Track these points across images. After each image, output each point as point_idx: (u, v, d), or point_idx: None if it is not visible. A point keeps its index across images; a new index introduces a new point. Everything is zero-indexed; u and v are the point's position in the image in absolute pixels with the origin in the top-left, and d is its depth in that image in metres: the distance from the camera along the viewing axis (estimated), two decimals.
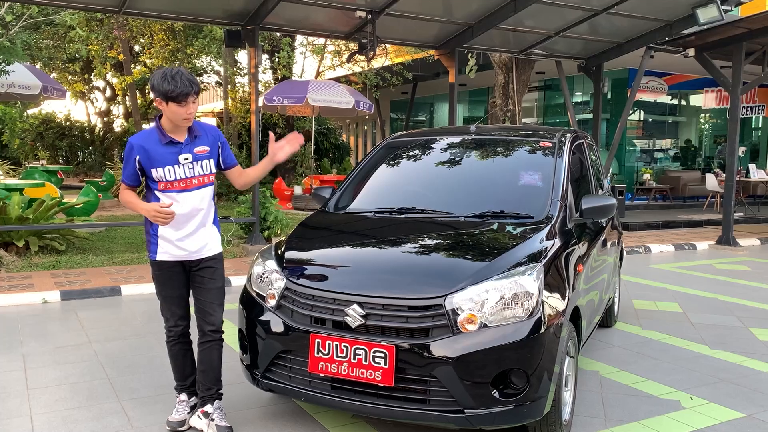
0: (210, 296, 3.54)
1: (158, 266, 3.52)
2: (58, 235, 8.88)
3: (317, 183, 15.60)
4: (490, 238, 3.65)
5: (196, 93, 3.34)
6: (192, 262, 3.52)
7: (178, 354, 3.66)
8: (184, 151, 3.40)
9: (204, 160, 3.46)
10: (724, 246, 11.07)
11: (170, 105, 3.27)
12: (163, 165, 3.37)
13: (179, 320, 3.59)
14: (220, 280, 3.59)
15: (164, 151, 3.36)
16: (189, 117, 3.33)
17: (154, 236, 3.48)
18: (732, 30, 10.69)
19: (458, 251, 3.54)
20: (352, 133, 28.69)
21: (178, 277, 3.53)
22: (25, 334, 5.41)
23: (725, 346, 5.33)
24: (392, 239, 3.73)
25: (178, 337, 3.61)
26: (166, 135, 3.38)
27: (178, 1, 8.71)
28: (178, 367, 3.69)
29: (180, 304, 3.58)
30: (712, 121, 20.57)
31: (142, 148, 3.36)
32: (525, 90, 12.89)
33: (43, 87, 10.82)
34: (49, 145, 25.21)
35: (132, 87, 18.19)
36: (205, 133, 3.50)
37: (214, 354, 3.56)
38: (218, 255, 3.60)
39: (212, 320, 3.54)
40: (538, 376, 3.06)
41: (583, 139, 5.01)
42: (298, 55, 19.01)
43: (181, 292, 3.57)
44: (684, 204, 17.51)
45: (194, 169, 3.43)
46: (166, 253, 3.47)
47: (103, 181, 14.90)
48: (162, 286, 3.56)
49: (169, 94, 3.23)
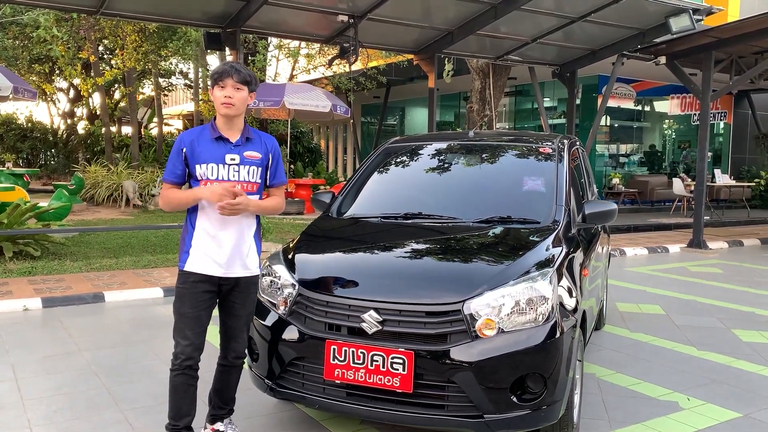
0: (240, 323, 3.32)
1: (184, 278, 3.20)
2: (31, 241, 8.65)
3: (293, 187, 15.52)
4: (501, 243, 3.69)
5: (239, 79, 3.14)
6: (224, 280, 3.22)
7: (179, 387, 3.19)
8: (233, 152, 3.19)
9: (252, 167, 3.23)
10: (695, 249, 11.37)
11: (214, 90, 3.16)
12: (207, 161, 3.16)
13: (188, 347, 3.15)
14: (251, 305, 3.36)
15: (212, 147, 3.17)
16: (227, 102, 3.12)
17: (187, 244, 3.21)
18: (702, 39, 11.01)
19: (472, 257, 3.56)
20: (322, 136, 28.59)
21: (203, 295, 3.19)
22: (10, 343, 5.25)
23: (712, 348, 5.47)
24: (404, 244, 3.74)
25: (184, 368, 3.16)
26: (217, 131, 3.21)
27: (157, 3, 8.59)
28: (176, 402, 3.21)
29: (195, 327, 3.17)
30: (676, 127, 21.12)
31: (191, 142, 3.18)
32: (501, 95, 13.05)
33: (13, 88, 10.53)
34: (10, 147, 24.50)
35: (101, 88, 17.81)
36: (260, 139, 3.31)
37: (233, 377, 3.41)
38: (255, 277, 3.33)
39: (238, 348, 3.36)
40: (554, 380, 3.10)
41: (577, 144, 5.10)
42: (270, 58, 18.89)
43: (200, 313, 3.18)
44: (652, 208, 17.92)
45: (239, 173, 3.19)
46: (196, 264, 3.18)
47: (71, 184, 14.53)
48: (181, 302, 3.19)
49: (212, 76, 3.19)
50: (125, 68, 16.57)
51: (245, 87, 3.18)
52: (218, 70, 3.19)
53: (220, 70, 3.17)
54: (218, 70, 3.19)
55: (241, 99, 3.17)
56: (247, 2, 8.38)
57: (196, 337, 3.18)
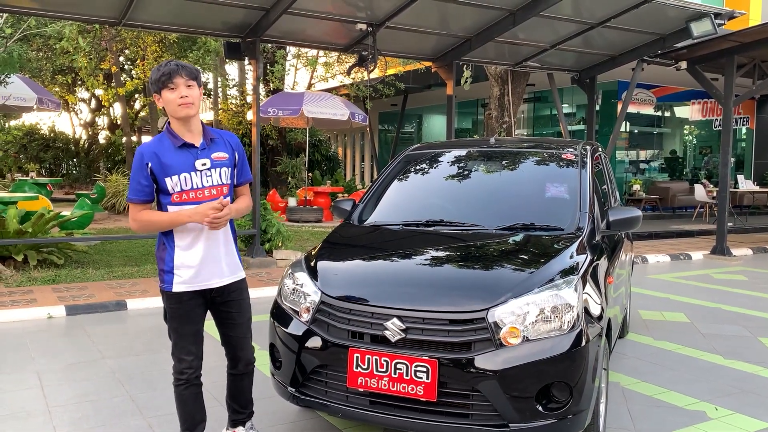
0: (241, 331, 3.28)
1: (176, 299, 3.09)
2: (55, 249, 8.76)
3: (311, 195, 15.57)
4: (525, 250, 3.66)
5: (188, 76, 2.98)
6: (215, 291, 3.16)
7: (188, 399, 3.16)
8: (201, 156, 3.04)
9: (223, 168, 3.10)
10: (719, 256, 11.21)
11: (164, 95, 2.97)
12: (178, 172, 2.99)
13: (194, 360, 3.13)
14: (248, 310, 3.31)
15: (178, 156, 2.98)
16: (185, 102, 2.96)
17: (168, 263, 3.08)
18: (723, 43, 10.89)
19: (496, 264, 3.53)
20: (340, 144, 28.68)
21: (197, 309, 3.14)
22: (35, 350, 5.30)
23: (739, 356, 5.37)
24: (426, 252, 3.73)
25: (192, 380, 3.14)
26: (178, 138, 3.02)
27: (177, 14, 8.69)
28: (188, 413, 3.17)
29: (196, 341, 3.15)
30: (697, 133, 20.89)
31: (153, 155, 2.98)
32: (520, 102, 13.01)
33: (38, 99, 10.71)
34: (33, 157, 24.91)
35: (122, 98, 18.05)
36: (222, 139, 3.18)
37: (245, 382, 3.39)
38: (243, 282, 3.29)
39: (246, 356, 3.32)
40: (579, 389, 3.06)
41: (600, 151, 5.06)
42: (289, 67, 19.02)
43: (198, 327, 3.16)
44: (673, 214, 17.73)
45: (212, 178, 3.06)
46: (184, 283, 3.07)
47: (93, 193, 14.72)
48: (179, 322, 3.11)
49: (158, 81, 2.96)
50: (146, 78, 16.78)
51: (195, 82, 3.02)
52: (164, 72, 2.96)
53: (167, 72, 2.96)
54: (163, 71, 2.97)
55: (196, 96, 3.02)
56: (267, 12, 8.45)
57: (198, 350, 3.18)
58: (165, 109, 3.05)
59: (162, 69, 2.99)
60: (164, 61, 3.07)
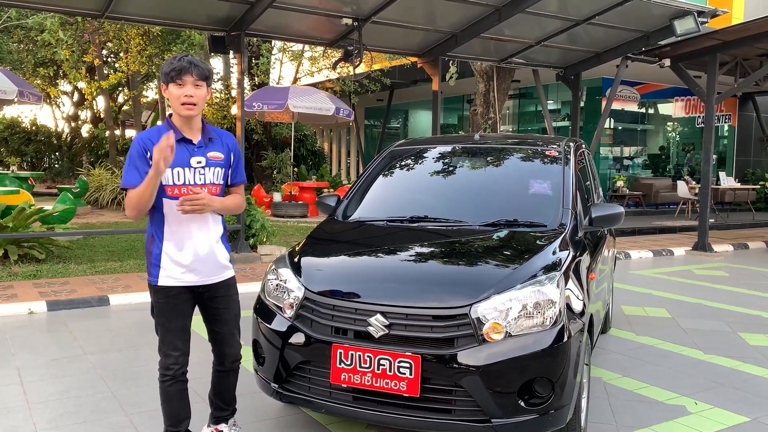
0: (229, 327, 3.26)
1: (163, 293, 3.07)
2: (36, 244, 8.66)
3: (297, 190, 15.52)
4: (508, 246, 3.68)
5: (198, 76, 2.95)
6: (204, 287, 3.15)
7: (173, 395, 3.14)
8: (198, 154, 3.04)
9: (217, 168, 3.11)
10: (701, 252, 11.33)
11: (170, 88, 2.95)
12: (172, 166, 2.96)
13: (180, 356, 3.11)
14: (236, 306, 3.30)
15: (176, 150, 2.93)
16: (188, 102, 2.95)
17: (156, 256, 3.07)
18: (706, 41, 10.99)
19: (479, 260, 3.54)
20: (326, 139, 28.60)
21: (184, 305, 3.12)
22: (16, 346, 5.25)
23: (719, 351, 5.44)
24: (410, 248, 3.73)
25: (178, 377, 3.12)
26: (177, 132, 2.99)
27: (162, 6, 8.62)
28: (173, 410, 3.16)
29: (183, 336, 3.13)
30: (681, 130, 21.07)
31: (151, 143, 2.93)
32: (505, 98, 13.04)
33: (18, 91, 10.56)
34: (14, 150, 24.59)
35: (105, 92, 17.86)
36: (220, 139, 3.18)
37: (231, 379, 3.38)
38: (232, 279, 3.28)
39: (233, 352, 3.30)
40: (561, 384, 3.09)
41: (583, 147, 5.09)
42: (274, 61, 18.91)
43: (185, 323, 3.15)
44: (656, 210, 17.88)
45: (206, 176, 3.07)
46: (171, 277, 3.06)
47: (76, 187, 14.56)
48: (165, 317, 3.10)
49: (168, 74, 2.94)
50: (129, 71, 16.62)
51: (204, 83, 3.00)
52: (175, 67, 2.93)
53: (178, 67, 2.92)
54: (175, 66, 2.93)
55: (201, 97, 3.01)
56: (252, 6, 8.40)
57: (185, 346, 3.15)
58: (169, 100, 3.03)
59: (174, 63, 2.96)
60: (179, 54, 3.04)
